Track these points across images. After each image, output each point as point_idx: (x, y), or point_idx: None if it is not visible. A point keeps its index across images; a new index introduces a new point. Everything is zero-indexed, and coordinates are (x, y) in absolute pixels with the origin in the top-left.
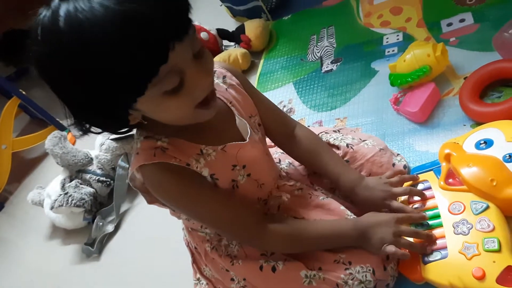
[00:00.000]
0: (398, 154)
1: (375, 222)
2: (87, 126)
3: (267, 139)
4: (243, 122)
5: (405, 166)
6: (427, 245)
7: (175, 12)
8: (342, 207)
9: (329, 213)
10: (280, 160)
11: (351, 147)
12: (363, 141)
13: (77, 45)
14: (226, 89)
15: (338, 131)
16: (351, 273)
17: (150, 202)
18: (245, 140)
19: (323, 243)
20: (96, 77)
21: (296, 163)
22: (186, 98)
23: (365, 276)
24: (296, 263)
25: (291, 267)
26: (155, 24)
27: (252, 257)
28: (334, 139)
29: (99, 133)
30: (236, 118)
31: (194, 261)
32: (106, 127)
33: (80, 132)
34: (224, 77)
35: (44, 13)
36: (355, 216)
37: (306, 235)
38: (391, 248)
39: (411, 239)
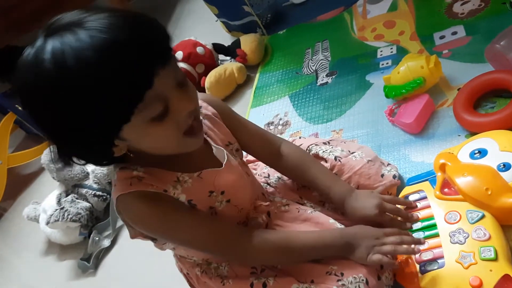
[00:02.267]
0: (389, 164)
1: (361, 233)
2: (71, 158)
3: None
4: (221, 149)
5: (394, 176)
6: (412, 248)
7: (157, 39)
8: (331, 220)
9: (318, 226)
10: (269, 175)
11: (339, 160)
12: (352, 153)
13: (59, 73)
14: (202, 119)
15: (328, 142)
16: (343, 284)
17: (133, 236)
18: (221, 166)
19: (310, 253)
20: (82, 104)
21: (285, 177)
22: (171, 126)
23: (358, 286)
24: (287, 278)
25: (282, 282)
26: (139, 49)
27: (242, 276)
28: (323, 151)
29: (82, 164)
30: (213, 147)
31: (190, 284)
32: (91, 159)
33: (62, 164)
34: (200, 107)
35: (29, 50)
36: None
37: (293, 245)
38: (377, 256)
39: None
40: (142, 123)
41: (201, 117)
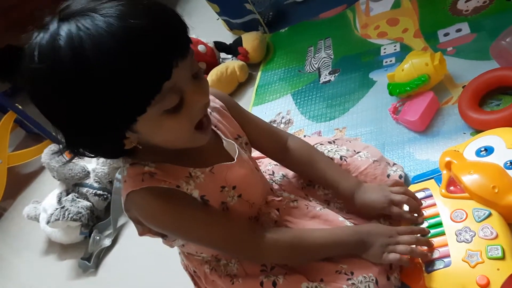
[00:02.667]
0: (394, 164)
1: (376, 230)
2: (80, 150)
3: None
4: (231, 143)
5: (400, 176)
6: (427, 253)
7: (177, 30)
8: (341, 218)
9: (327, 224)
10: (273, 172)
11: (345, 159)
12: (357, 153)
13: (78, 62)
14: (210, 112)
15: (334, 142)
16: (353, 283)
17: (141, 233)
18: (233, 160)
19: (322, 251)
20: (98, 94)
21: (290, 175)
22: (185, 118)
23: (368, 286)
24: (296, 276)
25: (292, 280)
26: (160, 40)
27: (252, 274)
28: (329, 151)
29: (92, 157)
30: (223, 140)
31: (195, 283)
32: (101, 151)
33: (71, 155)
34: None
35: (42, 34)
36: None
37: (305, 243)
38: (395, 256)
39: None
40: (156, 115)
41: (209, 110)
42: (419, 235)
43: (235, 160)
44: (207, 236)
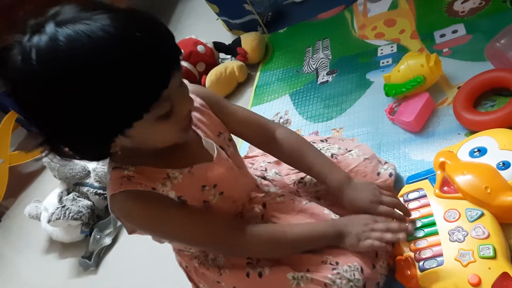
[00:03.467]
0: (386, 162)
1: (353, 221)
2: (66, 152)
3: (258, 150)
4: (210, 142)
5: (390, 174)
6: (399, 236)
7: (171, 40)
8: (326, 211)
9: (313, 217)
10: (266, 169)
11: (335, 157)
12: (349, 151)
13: (81, 68)
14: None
15: (326, 140)
16: (338, 273)
17: (130, 232)
18: (212, 160)
19: (302, 244)
20: (99, 98)
21: (283, 172)
22: (174, 122)
23: (353, 274)
24: (282, 267)
25: (278, 271)
26: (162, 51)
27: (238, 266)
28: (320, 149)
29: (76, 159)
30: (203, 139)
31: (190, 279)
32: (86, 154)
33: (54, 157)
34: None
35: (37, 37)
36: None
37: (285, 236)
38: (368, 241)
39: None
40: (150, 120)
41: None
42: (391, 223)
43: (214, 159)
44: (184, 235)
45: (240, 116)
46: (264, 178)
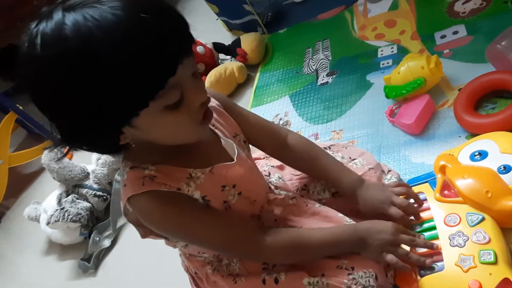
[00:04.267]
0: (389, 171)
1: (375, 228)
2: (75, 143)
3: (259, 152)
4: (230, 142)
5: None
6: (424, 259)
7: (183, 28)
8: (340, 214)
9: (327, 220)
10: (269, 174)
11: None
12: (353, 160)
13: (86, 52)
14: None
15: (329, 147)
16: (354, 278)
17: (144, 236)
18: (233, 160)
19: (323, 250)
20: (104, 84)
21: (286, 177)
22: (184, 115)
23: (368, 281)
24: (298, 273)
25: (293, 277)
26: (169, 36)
27: (254, 272)
28: None
29: (86, 150)
30: (221, 139)
31: (196, 284)
32: (96, 146)
33: (63, 150)
34: None
35: (44, 23)
36: (354, 222)
37: (306, 243)
38: (392, 258)
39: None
40: (157, 110)
41: None
42: (418, 239)
43: (235, 159)
44: (208, 238)
45: (252, 120)
46: (269, 183)
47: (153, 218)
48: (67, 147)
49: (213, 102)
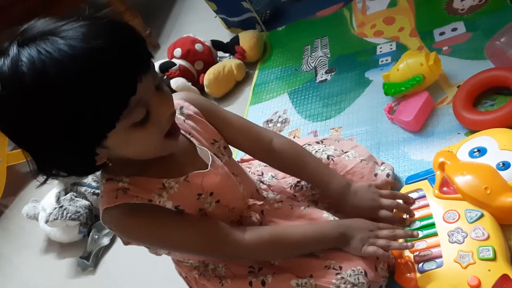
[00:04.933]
0: (383, 163)
1: (357, 224)
2: (53, 171)
3: None
4: (205, 150)
5: (388, 175)
6: (406, 244)
7: (138, 45)
8: (325, 214)
9: (312, 222)
10: (262, 173)
11: (332, 159)
12: (345, 152)
13: (43, 87)
14: (184, 120)
15: (321, 141)
16: (342, 278)
17: (126, 243)
18: (207, 168)
19: (304, 246)
20: (66, 115)
21: (280, 175)
22: (154, 129)
23: (358, 278)
24: (285, 275)
25: (281, 279)
26: (123, 58)
27: (240, 275)
28: (316, 151)
29: (64, 176)
30: (197, 147)
31: (190, 286)
32: (73, 170)
33: (44, 178)
34: (182, 107)
35: (2, 61)
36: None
37: (289, 238)
38: (372, 248)
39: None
40: (125, 128)
41: (183, 118)
42: (397, 230)
43: (209, 167)
44: (183, 244)
45: (235, 125)
46: (261, 182)
47: (126, 230)
48: (46, 176)
49: (191, 110)
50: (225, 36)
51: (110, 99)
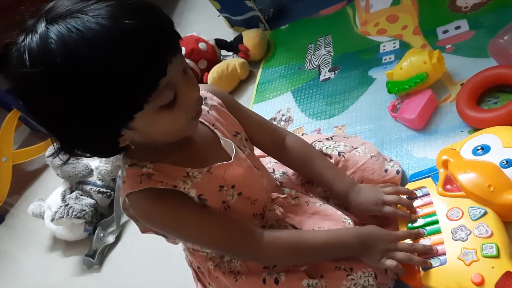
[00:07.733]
0: (391, 160)
1: (377, 234)
2: (75, 151)
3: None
4: (228, 142)
5: (398, 172)
6: (425, 259)
7: (168, 26)
8: (339, 212)
9: (327, 219)
10: (274, 170)
11: (343, 155)
12: (355, 148)
13: (74, 65)
14: (208, 111)
15: (331, 138)
16: (353, 279)
17: (143, 231)
18: (230, 159)
19: (324, 253)
20: (96, 94)
21: (290, 172)
22: (180, 112)
23: (368, 280)
24: (298, 274)
25: (293, 278)
26: (155, 38)
27: (255, 271)
28: (327, 147)
29: (88, 157)
30: (221, 139)
31: (199, 279)
32: (96, 150)
33: (66, 157)
34: (205, 98)
35: (30, 37)
36: (351, 221)
37: (307, 244)
38: (391, 262)
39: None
40: (152, 111)
41: (207, 109)
42: (416, 244)
43: (232, 159)
44: (203, 236)
45: (252, 119)
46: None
47: (149, 215)
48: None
49: (215, 101)
50: (228, 35)
51: (141, 80)
